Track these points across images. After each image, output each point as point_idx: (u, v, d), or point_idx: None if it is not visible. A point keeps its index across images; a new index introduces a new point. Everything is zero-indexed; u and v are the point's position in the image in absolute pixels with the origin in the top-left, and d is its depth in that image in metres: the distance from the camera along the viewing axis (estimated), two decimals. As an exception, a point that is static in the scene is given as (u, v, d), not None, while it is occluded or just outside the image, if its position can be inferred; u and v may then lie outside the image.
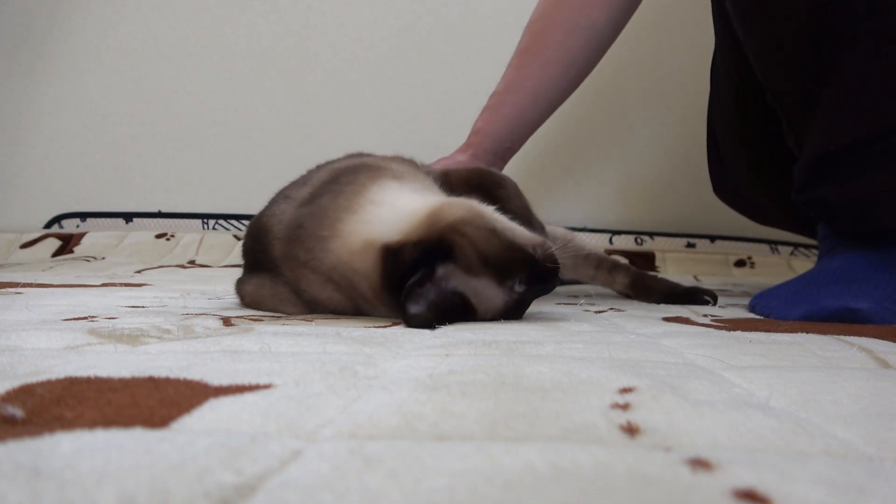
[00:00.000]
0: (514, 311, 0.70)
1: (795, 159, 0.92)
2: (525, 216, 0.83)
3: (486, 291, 0.68)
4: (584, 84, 1.24)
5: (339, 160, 0.89)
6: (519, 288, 0.68)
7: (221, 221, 2.10)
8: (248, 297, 0.81)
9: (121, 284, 1.20)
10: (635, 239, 2.02)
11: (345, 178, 0.75)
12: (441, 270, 0.66)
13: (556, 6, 1.17)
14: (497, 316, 0.69)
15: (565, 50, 1.16)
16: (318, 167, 0.88)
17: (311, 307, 0.75)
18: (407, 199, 0.72)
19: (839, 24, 0.77)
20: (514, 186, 0.90)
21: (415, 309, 0.64)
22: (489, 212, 0.72)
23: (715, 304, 0.97)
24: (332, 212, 0.71)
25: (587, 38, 1.16)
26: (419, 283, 0.64)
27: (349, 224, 0.69)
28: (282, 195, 0.83)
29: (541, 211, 2.14)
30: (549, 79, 1.17)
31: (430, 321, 0.63)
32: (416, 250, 0.65)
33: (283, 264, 0.74)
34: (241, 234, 1.98)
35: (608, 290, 1.13)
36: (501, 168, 1.22)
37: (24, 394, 0.33)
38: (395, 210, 0.70)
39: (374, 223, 0.69)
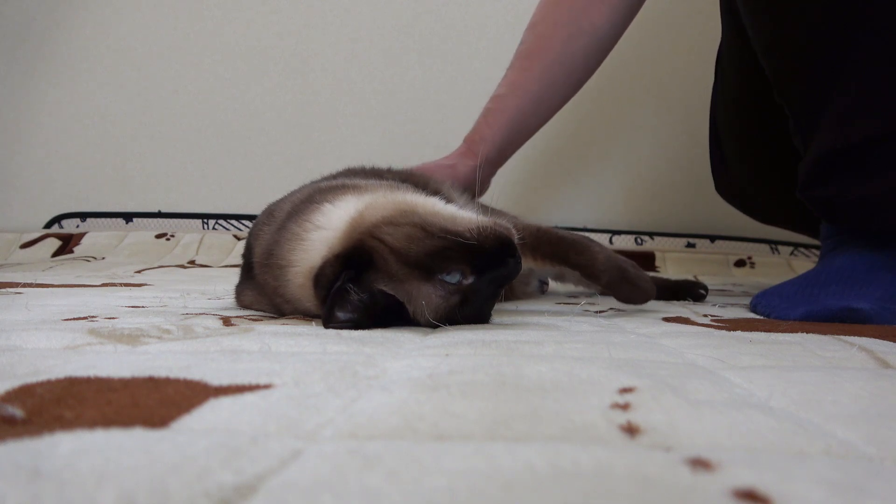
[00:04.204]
0: (469, 307, 0.64)
1: (799, 157, 0.92)
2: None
3: (417, 290, 0.63)
4: (585, 85, 1.23)
5: (324, 179, 0.89)
6: (466, 280, 0.63)
7: (221, 221, 2.10)
8: (244, 303, 0.82)
9: (121, 284, 1.20)
10: (635, 239, 2.02)
11: (313, 202, 0.74)
12: (368, 276, 0.63)
13: (558, 9, 1.17)
14: (447, 314, 0.64)
15: (568, 53, 1.15)
16: (304, 186, 0.86)
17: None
18: (344, 212, 0.70)
19: (851, 22, 0.77)
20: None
21: (337, 314, 0.62)
22: (422, 204, 0.69)
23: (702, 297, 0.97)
24: (289, 240, 0.70)
25: (588, 42, 1.16)
26: (341, 290, 0.63)
27: (298, 253, 0.68)
28: (268, 211, 0.82)
29: (541, 211, 2.13)
30: (551, 82, 1.17)
31: (347, 325, 0.62)
32: (337, 264, 0.63)
33: (263, 285, 0.75)
34: (241, 234, 1.98)
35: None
36: (493, 173, 1.21)
37: (24, 394, 0.33)
38: (332, 229, 0.68)
39: (313, 250, 0.67)
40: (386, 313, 0.64)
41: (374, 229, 0.65)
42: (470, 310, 0.65)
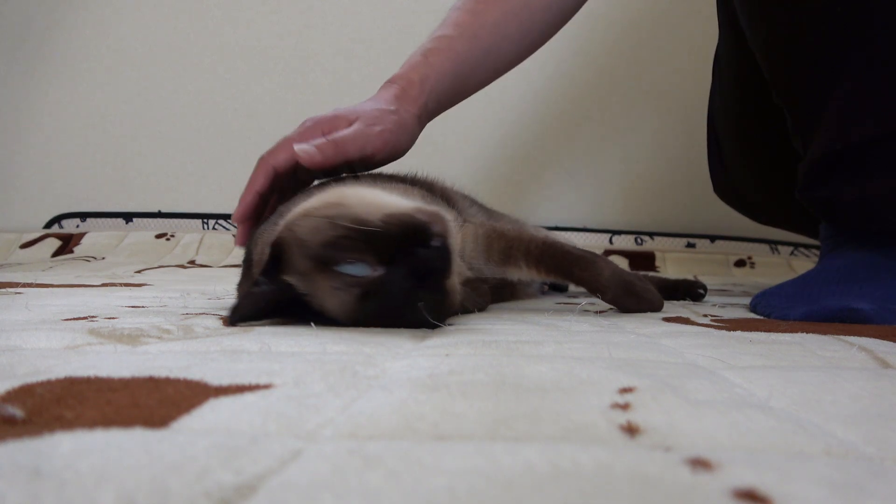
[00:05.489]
0: (373, 302, 0.59)
1: (797, 157, 0.92)
2: None
3: (317, 283, 0.60)
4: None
5: (320, 183, 0.88)
6: (375, 272, 0.58)
7: (221, 221, 2.10)
8: None
9: (121, 284, 1.20)
10: (635, 239, 2.02)
11: (296, 198, 0.73)
12: (280, 268, 0.62)
13: None
14: (347, 310, 0.60)
15: (526, 6, 1.00)
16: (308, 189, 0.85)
17: None
18: (300, 206, 0.69)
19: (850, 22, 0.76)
20: None
21: (235, 311, 0.62)
22: (354, 194, 0.67)
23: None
24: (269, 235, 0.69)
25: (550, 1, 1.01)
26: (250, 291, 0.63)
27: (263, 247, 0.69)
28: (279, 212, 0.78)
29: (541, 211, 2.14)
30: (504, 38, 0.99)
31: (239, 320, 0.61)
32: (264, 264, 0.63)
33: None
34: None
35: None
36: (423, 126, 0.96)
37: (24, 394, 0.33)
38: (280, 224, 0.67)
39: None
40: (296, 306, 0.62)
41: (292, 220, 0.64)
42: (374, 306, 0.59)
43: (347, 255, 0.58)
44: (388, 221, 0.59)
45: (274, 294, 0.62)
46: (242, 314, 0.62)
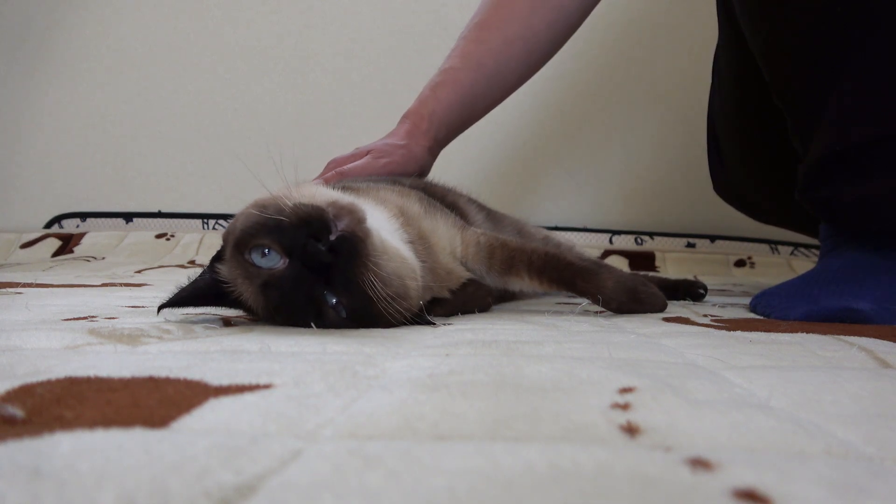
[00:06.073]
0: (272, 294, 0.59)
1: (797, 157, 0.92)
2: None
3: (235, 272, 0.62)
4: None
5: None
6: (282, 263, 0.58)
7: (221, 221, 2.10)
8: None
9: (121, 284, 1.20)
10: (635, 239, 2.02)
11: None
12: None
13: None
14: (257, 302, 0.61)
15: (530, 28, 1.04)
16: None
17: None
18: None
19: (849, 23, 0.76)
20: None
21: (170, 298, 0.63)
22: (304, 190, 0.67)
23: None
24: None
25: (554, 18, 1.05)
26: (192, 280, 0.65)
27: None
28: None
29: (541, 211, 2.13)
30: (510, 58, 1.04)
31: (164, 305, 0.62)
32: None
33: None
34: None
35: None
36: (436, 155, 1.07)
37: (24, 394, 0.33)
38: None
39: None
40: (223, 296, 0.63)
41: (240, 211, 0.66)
42: (274, 298, 0.59)
43: (253, 241, 0.59)
44: (293, 211, 0.58)
45: (206, 282, 0.64)
46: (172, 300, 0.63)
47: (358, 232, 0.60)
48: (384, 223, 0.70)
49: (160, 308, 0.63)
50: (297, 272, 0.58)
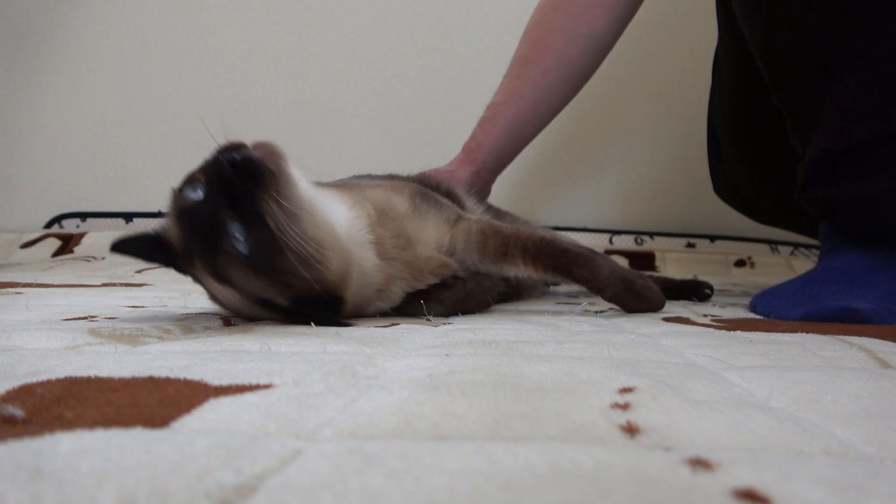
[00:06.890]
0: (187, 221, 0.62)
1: (796, 157, 0.92)
2: None
3: (169, 220, 0.65)
4: (585, 86, 1.23)
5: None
6: (199, 192, 0.62)
7: (221, 221, 2.10)
8: None
9: (121, 284, 1.20)
10: (635, 239, 2.02)
11: None
12: None
13: (555, 14, 1.17)
14: (174, 235, 0.64)
15: (565, 58, 1.15)
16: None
17: None
18: None
19: (848, 24, 0.76)
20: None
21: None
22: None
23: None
24: None
25: (586, 46, 1.15)
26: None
27: None
28: None
29: (541, 211, 2.13)
30: (548, 88, 1.17)
31: (115, 247, 0.66)
32: None
33: None
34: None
35: None
36: (488, 180, 1.22)
37: (24, 394, 0.33)
38: None
39: None
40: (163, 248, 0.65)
41: None
42: (186, 227, 0.61)
43: (187, 178, 0.62)
44: (218, 148, 0.61)
45: (157, 234, 0.65)
46: (122, 243, 0.66)
47: (269, 163, 0.60)
48: (342, 216, 0.70)
49: (112, 247, 0.66)
50: (207, 194, 0.59)
